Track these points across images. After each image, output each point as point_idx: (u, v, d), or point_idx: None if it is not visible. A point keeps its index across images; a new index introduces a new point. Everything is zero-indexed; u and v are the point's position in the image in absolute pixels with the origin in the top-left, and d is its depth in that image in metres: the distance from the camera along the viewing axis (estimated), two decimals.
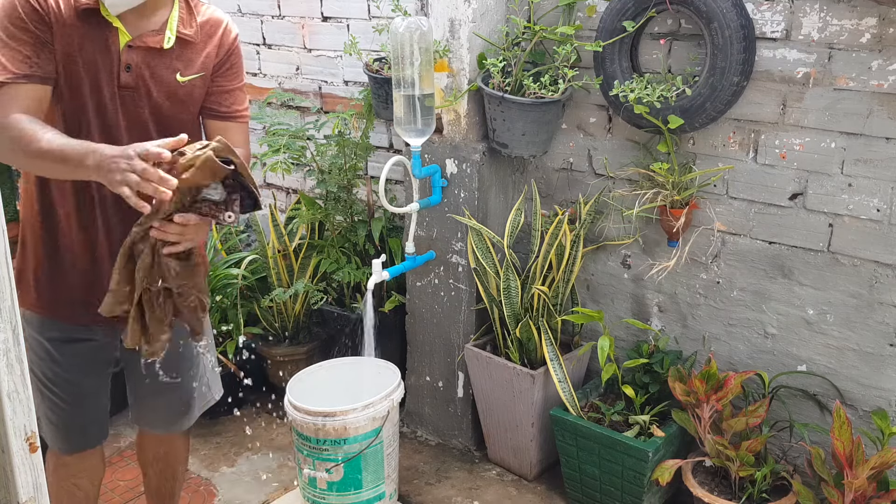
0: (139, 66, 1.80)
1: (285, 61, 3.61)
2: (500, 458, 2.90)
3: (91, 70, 1.77)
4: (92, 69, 1.77)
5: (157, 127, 1.86)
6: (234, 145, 1.95)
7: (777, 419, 2.47)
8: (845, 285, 2.30)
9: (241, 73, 2.00)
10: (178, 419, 2.16)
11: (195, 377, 2.13)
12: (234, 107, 1.98)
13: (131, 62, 1.79)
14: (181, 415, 2.15)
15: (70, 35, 1.74)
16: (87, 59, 1.76)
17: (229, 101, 1.97)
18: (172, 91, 1.86)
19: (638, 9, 2.37)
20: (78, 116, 1.80)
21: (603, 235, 2.75)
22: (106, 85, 1.79)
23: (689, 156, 2.50)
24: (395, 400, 2.48)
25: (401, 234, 3.21)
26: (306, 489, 2.51)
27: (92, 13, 1.75)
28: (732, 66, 2.23)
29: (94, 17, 1.75)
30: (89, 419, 2.05)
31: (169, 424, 2.17)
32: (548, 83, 2.54)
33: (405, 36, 2.45)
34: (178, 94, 1.87)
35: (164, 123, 1.86)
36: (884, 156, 2.16)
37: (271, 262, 3.30)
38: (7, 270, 0.91)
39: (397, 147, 3.33)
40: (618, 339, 2.79)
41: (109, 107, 1.80)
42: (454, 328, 2.92)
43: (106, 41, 1.77)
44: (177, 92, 1.87)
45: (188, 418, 2.17)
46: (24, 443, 0.95)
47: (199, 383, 2.14)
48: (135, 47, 1.79)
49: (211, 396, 2.21)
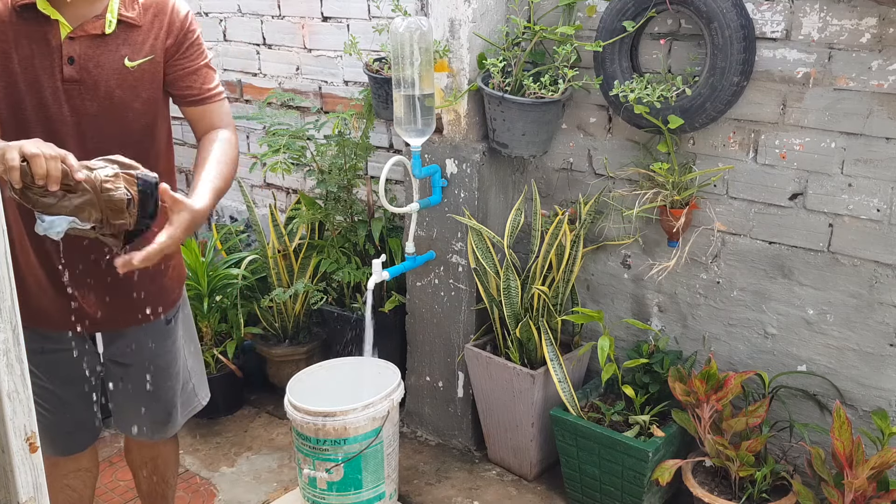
0: (82, 56, 1.72)
1: (285, 61, 3.61)
2: (500, 458, 2.90)
3: (27, 67, 1.70)
4: (28, 66, 1.70)
5: (107, 119, 1.78)
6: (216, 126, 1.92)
7: (777, 419, 2.47)
8: (845, 285, 2.30)
9: (201, 50, 1.91)
10: (161, 427, 2.12)
11: (175, 386, 2.09)
12: (204, 87, 1.90)
13: (74, 54, 1.72)
14: (163, 423, 2.11)
15: (3, 32, 1.68)
16: (22, 55, 1.70)
17: (199, 83, 1.89)
18: (122, 78, 1.77)
19: (638, 9, 2.37)
20: (15, 115, 1.73)
21: (603, 235, 2.75)
22: (46, 81, 1.72)
23: (689, 156, 2.50)
24: (395, 400, 2.48)
25: (401, 234, 3.21)
26: (306, 489, 2.51)
27: (28, 8, 1.69)
28: (732, 66, 2.23)
29: (30, 12, 1.69)
30: (75, 425, 2.03)
31: (152, 433, 2.13)
32: (548, 83, 2.54)
33: (405, 36, 2.45)
34: (128, 81, 1.78)
35: (116, 113, 1.79)
36: (884, 156, 2.16)
37: (271, 262, 3.30)
38: (7, 270, 0.91)
39: (397, 147, 3.33)
40: (618, 339, 2.79)
41: (51, 103, 1.73)
42: (454, 328, 2.92)
43: (45, 35, 1.70)
44: (126, 78, 1.78)
45: (171, 426, 2.13)
46: (24, 443, 0.95)
47: (182, 390, 2.11)
48: (76, 38, 1.72)
49: (198, 402, 2.18)
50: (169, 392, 2.08)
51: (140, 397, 2.04)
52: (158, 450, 2.22)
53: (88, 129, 1.77)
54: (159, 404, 2.08)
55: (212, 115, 1.92)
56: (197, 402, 2.18)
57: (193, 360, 2.15)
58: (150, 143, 1.89)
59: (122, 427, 2.15)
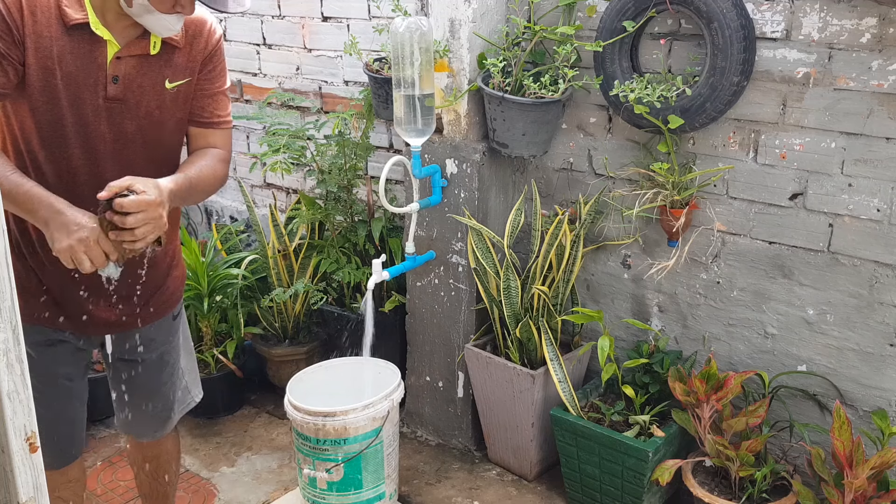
0: (127, 76, 1.75)
1: (285, 61, 3.61)
2: (500, 458, 2.90)
3: (70, 84, 1.71)
4: (71, 83, 1.71)
5: (143, 138, 1.81)
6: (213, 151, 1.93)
7: (777, 419, 2.47)
8: (845, 285, 2.30)
9: (224, 75, 1.94)
10: (162, 426, 2.17)
11: (176, 381, 2.14)
12: (216, 112, 1.92)
13: (119, 73, 1.74)
14: (164, 421, 2.16)
15: (48, 48, 1.68)
16: (66, 72, 1.70)
17: (212, 107, 1.91)
18: (161, 99, 1.80)
19: (638, 9, 2.37)
20: (56, 130, 1.74)
21: (603, 235, 2.75)
22: (89, 98, 1.73)
23: (689, 156, 2.50)
24: (395, 400, 2.48)
25: (401, 234, 3.21)
26: (306, 489, 2.51)
27: (80, 27, 1.69)
28: (732, 66, 2.23)
29: (80, 30, 1.69)
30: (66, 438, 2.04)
31: (154, 431, 2.18)
32: (548, 83, 2.54)
33: (405, 36, 2.45)
34: (166, 102, 1.82)
35: (152, 132, 1.82)
36: (884, 156, 2.16)
37: (271, 262, 3.30)
38: (7, 270, 0.90)
39: (397, 147, 3.33)
40: (618, 339, 2.79)
41: (91, 120, 1.75)
42: (454, 328, 2.92)
43: (91, 53, 1.71)
44: (164, 99, 1.81)
45: (170, 422, 2.18)
46: (24, 443, 0.95)
47: (178, 388, 2.15)
48: (123, 57, 1.73)
49: (191, 399, 2.21)
50: (171, 387, 2.13)
51: (147, 393, 2.09)
52: (161, 447, 2.25)
53: (125, 148, 1.80)
54: (162, 400, 2.12)
55: (214, 138, 1.94)
56: (190, 399, 2.21)
57: (187, 358, 2.19)
58: (176, 158, 1.93)
59: (126, 427, 2.17)
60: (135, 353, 2.03)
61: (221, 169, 1.92)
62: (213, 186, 1.90)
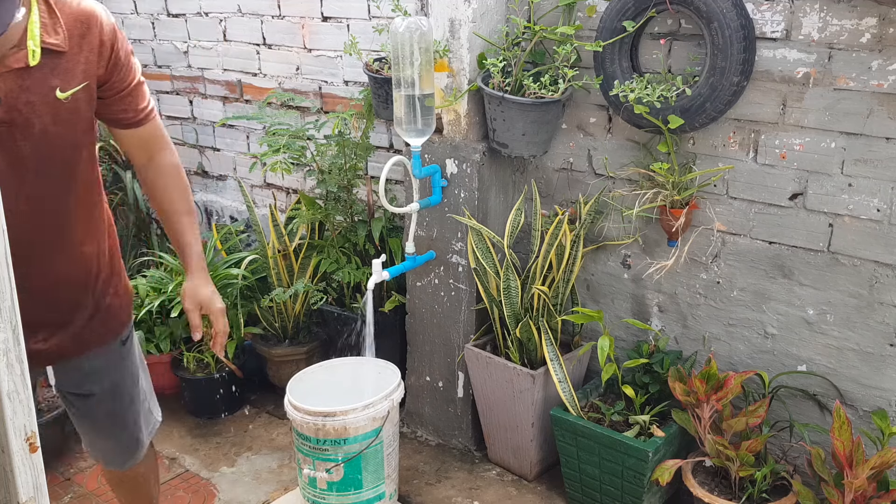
0: (9, 95, 1.52)
1: (285, 61, 3.61)
2: (500, 458, 2.90)
3: None
4: None
5: (44, 160, 1.62)
6: (155, 148, 1.86)
7: (777, 419, 2.47)
8: (845, 285, 2.30)
9: (132, 66, 1.73)
10: (132, 455, 2.07)
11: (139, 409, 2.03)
12: (140, 106, 1.77)
13: (0, 94, 1.52)
14: (133, 451, 2.06)
15: None
16: None
17: (134, 104, 1.75)
18: (55, 112, 1.58)
19: (638, 9, 2.37)
20: None
21: (603, 235, 2.75)
22: None
23: (689, 156, 2.50)
24: (395, 400, 2.48)
25: (401, 234, 3.22)
26: (306, 489, 2.51)
27: None
28: (732, 66, 2.23)
29: None
30: None
31: (124, 461, 2.08)
32: (548, 83, 2.54)
33: (405, 36, 2.45)
34: (62, 114, 1.60)
35: (54, 151, 1.63)
36: (884, 156, 2.16)
37: (271, 262, 3.30)
38: (7, 270, 0.90)
39: (397, 147, 3.33)
40: (618, 339, 2.79)
41: None
42: (454, 328, 2.92)
43: None
44: (60, 112, 1.59)
45: (140, 450, 2.07)
46: (24, 443, 0.95)
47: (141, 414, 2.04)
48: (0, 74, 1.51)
49: (154, 420, 2.11)
50: (133, 415, 2.02)
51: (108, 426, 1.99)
52: (135, 471, 2.14)
53: (27, 173, 1.61)
54: (127, 432, 2.02)
55: (149, 137, 1.83)
56: (154, 420, 2.11)
57: (145, 378, 2.08)
58: (92, 173, 1.78)
59: (94, 456, 2.10)
60: (83, 385, 1.91)
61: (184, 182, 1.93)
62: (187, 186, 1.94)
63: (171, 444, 3.13)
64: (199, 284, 1.91)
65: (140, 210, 4.04)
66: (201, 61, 3.96)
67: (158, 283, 3.32)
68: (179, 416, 3.31)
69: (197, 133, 4.15)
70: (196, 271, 1.91)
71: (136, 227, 4.07)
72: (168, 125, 4.25)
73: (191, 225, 1.92)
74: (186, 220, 1.92)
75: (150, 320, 3.35)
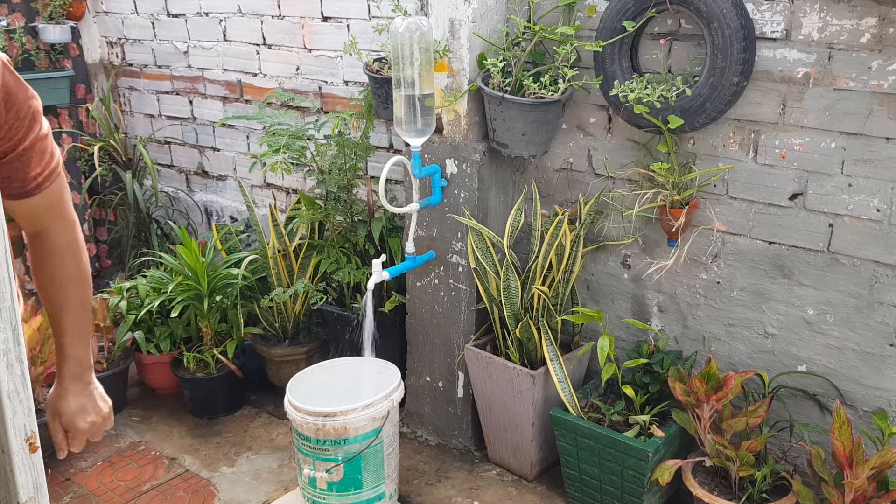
0: None
1: (285, 61, 3.61)
2: (500, 458, 2.90)
3: None
4: None
5: None
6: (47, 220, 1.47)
7: (777, 419, 2.47)
8: (845, 285, 2.30)
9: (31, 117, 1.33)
10: None
11: None
12: (30, 174, 1.36)
13: None
14: None
15: None
16: None
17: (29, 167, 1.35)
18: None
19: (638, 9, 2.37)
20: None
21: (603, 235, 2.75)
22: None
23: (689, 156, 2.50)
24: (395, 400, 2.48)
25: (401, 234, 3.22)
26: (306, 489, 2.51)
27: None
28: (732, 66, 2.23)
29: None
30: None
31: None
32: (548, 83, 2.54)
33: (405, 36, 2.45)
34: None
35: None
36: (884, 156, 2.16)
37: (271, 262, 3.30)
38: (7, 270, 0.90)
39: (397, 147, 3.33)
40: (618, 339, 2.79)
41: None
42: (454, 328, 2.92)
43: None
44: None
45: None
46: (24, 443, 0.95)
47: None
48: None
49: None
50: None
51: None
52: None
53: None
54: None
55: (43, 207, 1.44)
56: None
57: None
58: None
59: None
60: None
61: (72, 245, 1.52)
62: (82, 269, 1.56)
63: (171, 444, 3.13)
64: (63, 395, 1.58)
65: (140, 210, 4.04)
66: (201, 61, 3.96)
67: (158, 283, 3.32)
68: (179, 416, 3.31)
69: (197, 133, 4.15)
70: (67, 380, 1.58)
71: (136, 227, 4.07)
72: (168, 125, 4.25)
73: (74, 322, 1.57)
74: (69, 318, 1.56)
75: (150, 320, 3.35)
